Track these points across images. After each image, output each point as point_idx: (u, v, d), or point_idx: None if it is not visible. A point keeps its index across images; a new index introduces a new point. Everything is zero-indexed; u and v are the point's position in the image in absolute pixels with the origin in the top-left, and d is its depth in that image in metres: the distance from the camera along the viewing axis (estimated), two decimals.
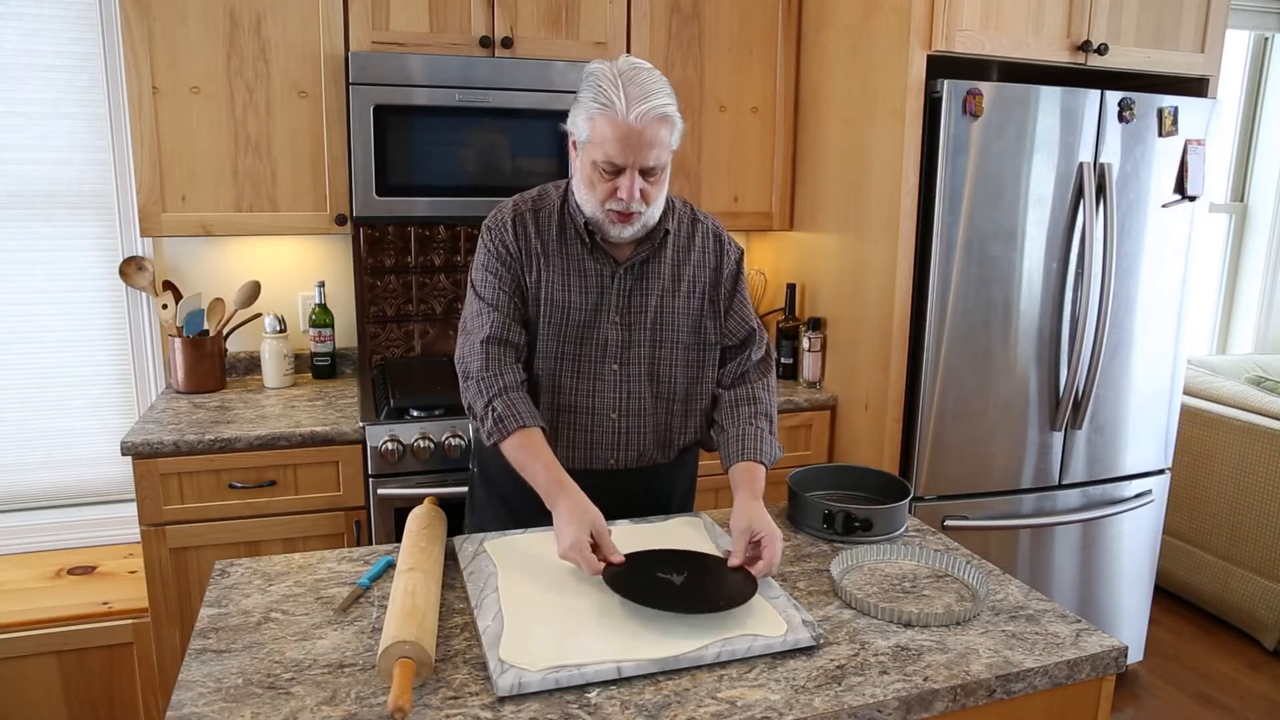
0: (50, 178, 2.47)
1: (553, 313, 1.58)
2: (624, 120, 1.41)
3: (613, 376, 1.61)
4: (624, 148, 1.43)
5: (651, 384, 1.63)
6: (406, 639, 1.08)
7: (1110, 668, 1.24)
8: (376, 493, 2.23)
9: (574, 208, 1.57)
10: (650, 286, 1.61)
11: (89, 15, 2.41)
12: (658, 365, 1.63)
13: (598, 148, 1.45)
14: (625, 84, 1.42)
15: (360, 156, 2.32)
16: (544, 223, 1.59)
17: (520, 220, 1.59)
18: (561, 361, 1.60)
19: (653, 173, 1.48)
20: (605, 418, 1.62)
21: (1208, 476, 3.20)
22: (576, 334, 1.59)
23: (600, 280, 1.58)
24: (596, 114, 1.43)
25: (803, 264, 2.83)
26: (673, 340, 1.63)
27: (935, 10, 2.22)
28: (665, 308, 1.62)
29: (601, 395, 1.61)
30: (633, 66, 1.46)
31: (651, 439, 1.65)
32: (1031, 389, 2.47)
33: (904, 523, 1.63)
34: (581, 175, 1.51)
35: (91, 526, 2.61)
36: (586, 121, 1.45)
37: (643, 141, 1.43)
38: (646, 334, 1.61)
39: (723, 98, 2.70)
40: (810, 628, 1.22)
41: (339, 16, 2.33)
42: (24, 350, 2.53)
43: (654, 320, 1.61)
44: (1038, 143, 2.32)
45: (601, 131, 1.43)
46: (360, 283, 2.69)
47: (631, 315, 1.60)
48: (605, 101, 1.42)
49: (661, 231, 1.59)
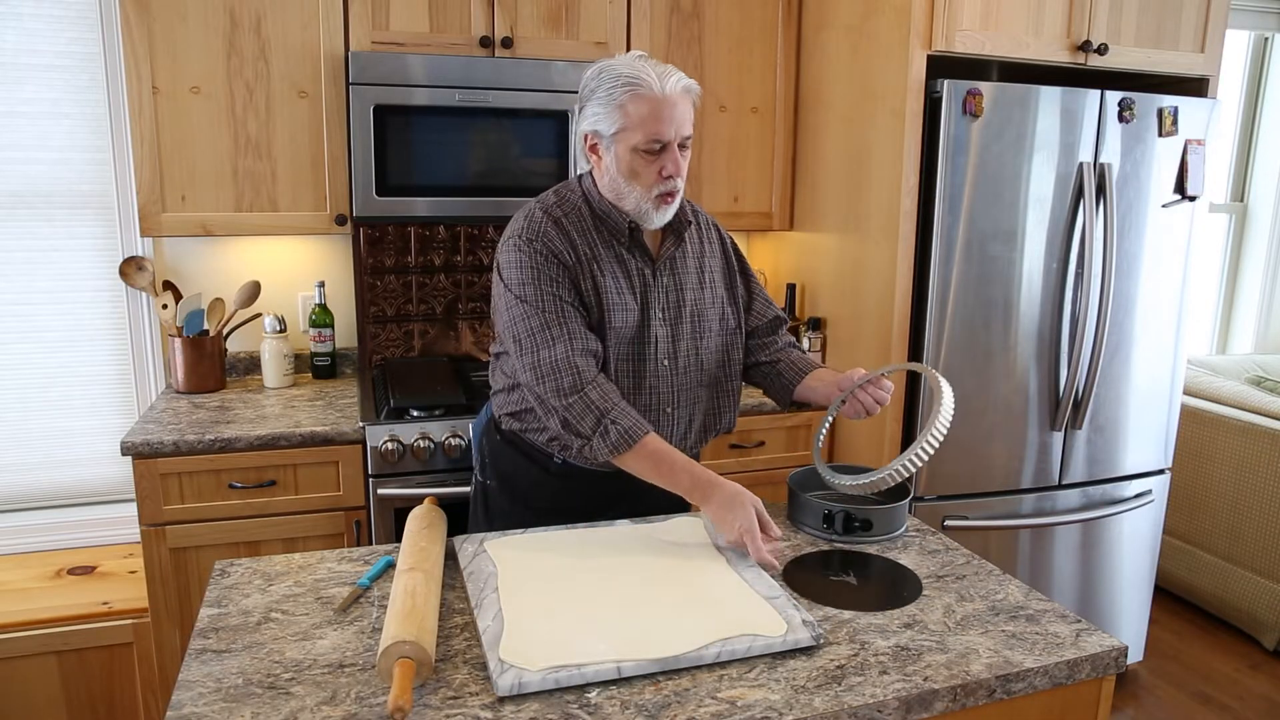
0: (50, 178, 2.47)
1: (613, 317, 1.57)
2: (660, 93, 1.46)
3: (665, 373, 1.63)
4: (665, 121, 1.47)
5: (699, 374, 1.67)
6: (406, 639, 1.08)
7: (1110, 668, 1.24)
8: (376, 493, 2.23)
9: (606, 208, 1.57)
10: (684, 281, 1.65)
11: (89, 15, 2.41)
12: (701, 355, 1.67)
13: (636, 130, 1.47)
14: (645, 65, 1.48)
15: (360, 156, 2.32)
16: (580, 226, 1.58)
17: (559, 225, 1.56)
18: (620, 363, 1.60)
19: (685, 145, 1.52)
20: (661, 413, 1.64)
21: (1208, 476, 3.20)
22: (631, 334, 1.59)
23: (644, 279, 1.60)
24: (628, 98, 1.46)
25: (803, 264, 2.83)
26: (709, 330, 1.68)
27: (935, 10, 2.22)
28: (698, 299, 1.66)
29: (656, 392, 1.63)
30: (638, 54, 1.51)
31: (698, 428, 1.69)
32: (1031, 389, 2.47)
33: (904, 523, 1.63)
34: (620, 168, 1.52)
35: (91, 526, 2.61)
36: (617, 110, 1.47)
37: (678, 112, 1.48)
38: (687, 327, 1.65)
39: (723, 97, 2.70)
40: (810, 628, 1.22)
41: (339, 16, 2.33)
42: (24, 350, 2.53)
43: (692, 313, 1.65)
44: (1038, 143, 2.32)
45: (639, 111, 1.46)
46: (360, 283, 2.69)
47: (672, 310, 1.63)
48: (635, 80, 1.45)
49: (685, 221, 1.63)
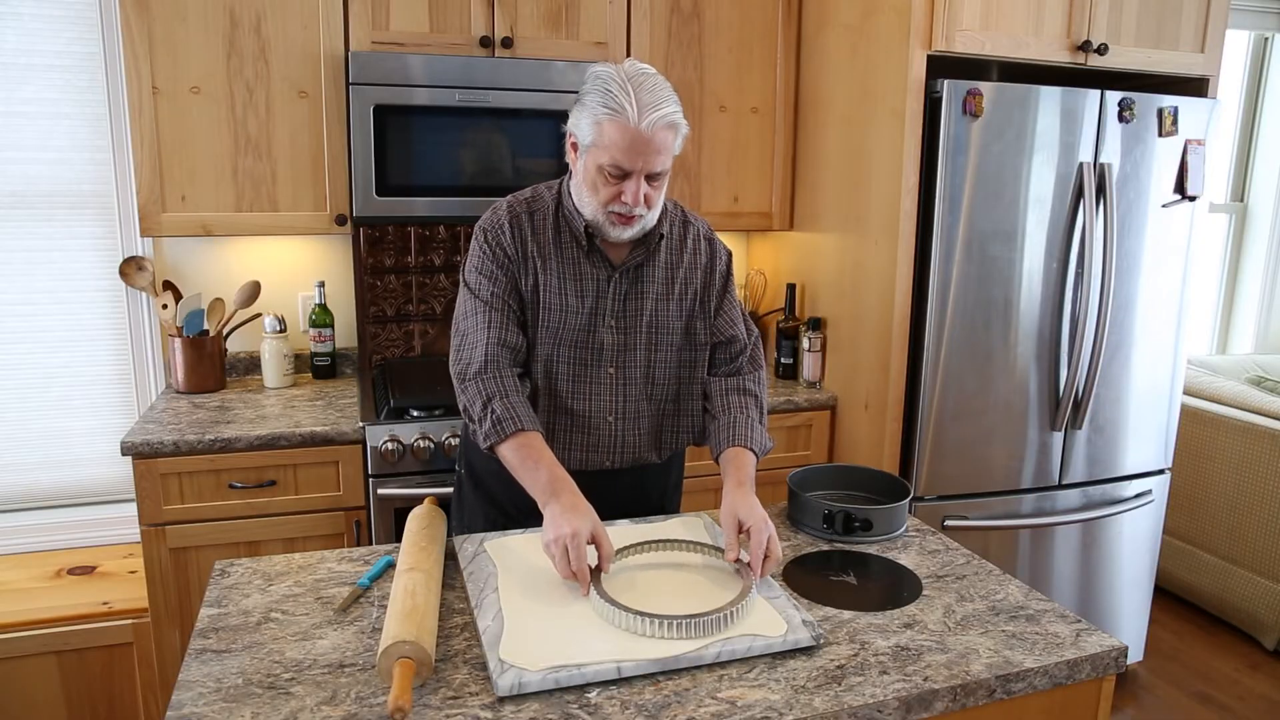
0: (50, 178, 2.47)
1: (549, 316, 1.57)
2: (635, 127, 1.40)
3: (609, 380, 1.61)
4: (632, 154, 1.42)
5: (647, 386, 1.63)
6: (406, 639, 1.08)
7: (1110, 668, 1.24)
8: (376, 493, 2.23)
9: (571, 210, 1.56)
10: (645, 290, 1.61)
11: (89, 15, 2.41)
12: (653, 368, 1.63)
13: (604, 152, 1.44)
14: (635, 90, 1.41)
15: (360, 156, 2.31)
16: (539, 224, 1.58)
17: (516, 222, 1.57)
18: (558, 365, 1.59)
19: (657, 178, 1.48)
20: (602, 420, 1.61)
21: (1208, 476, 3.20)
22: (573, 338, 1.58)
23: (597, 284, 1.58)
24: (605, 119, 1.42)
25: (803, 264, 2.83)
26: (667, 343, 1.64)
27: (935, 10, 2.22)
28: (660, 311, 1.62)
29: (599, 399, 1.61)
30: (640, 72, 1.45)
31: (647, 440, 1.65)
32: (1031, 389, 2.47)
33: (904, 523, 1.63)
34: (584, 177, 1.50)
35: (91, 526, 2.61)
36: (593, 125, 1.44)
37: (651, 148, 1.43)
38: (642, 337, 1.61)
39: (723, 98, 2.70)
40: (810, 628, 1.22)
41: (339, 16, 2.32)
42: (24, 350, 2.53)
43: (649, 323, 1.61)
44: (1038, 143, 2.32)
45: (610, 136, 1.42)
46: (360, 283, 2.69)
47: (628, 319, 1.60)
48: (616, 107, 1.41)
49: (657, 235, 1.59)
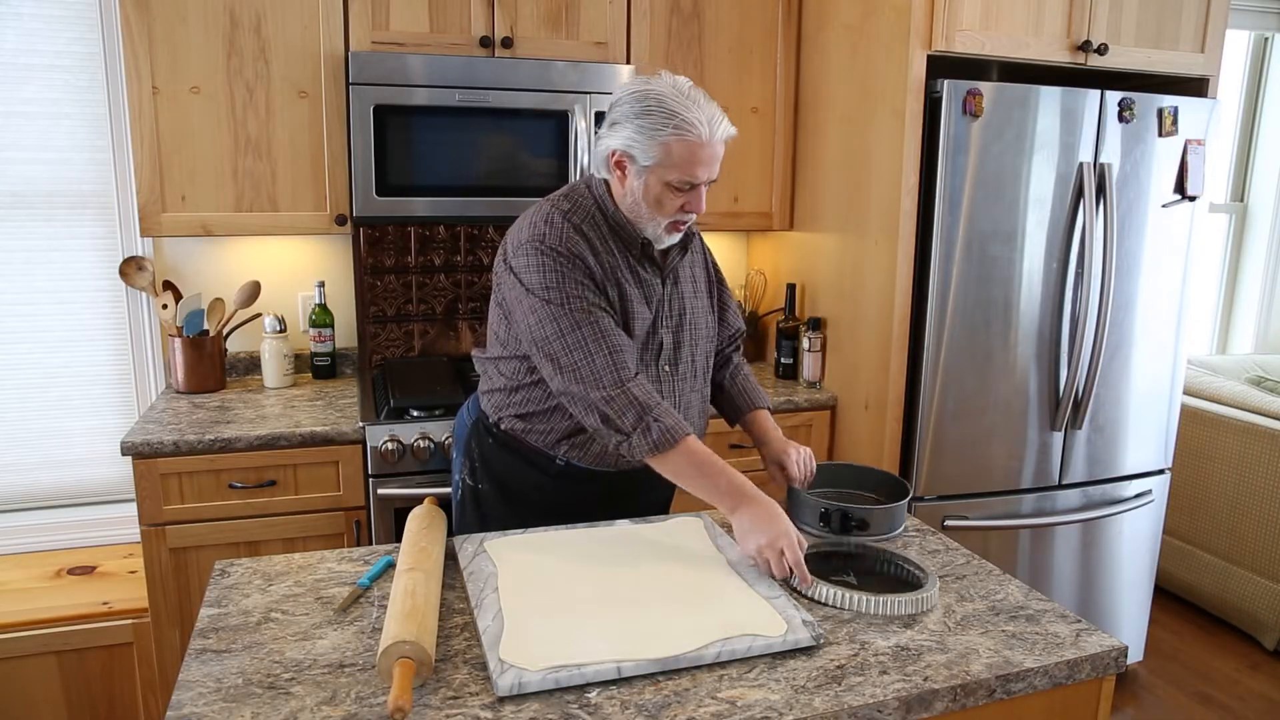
0: (50, 178, 2.47)
1: (630, 325, 1.58)
2: (706, 140, 1.47)
3: (666, 379, 1.65)
4: (704, 164, 1.50)
5: (692, 380, 1.70)
6: (406, 639, 1.08)
7: (1110, 668, 1.24)
8: (376, 493, 2.23)
9: (621, 220, 1.58)
10: (683, 290, 1.67)
11: (89, 15, 2.41)
12: (695, 362, 1.70)
13: (673, 169, 1.48)
14: (696, 106, 1.47)
15: (360, 156, 2.32)
16: (598, 234, 1.57)
17: (581, 234, 1.55)
18: None
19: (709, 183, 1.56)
20: None
21: (1208, 476, 3.20)
22: (642, 342, 1.61)
23: (655, 289, 1.62)
24: (674, 139, 1.46)
25: (803, 264, 2.83)
26: (701, 337, 1.70)
27: (935, 10, 2.22)
28: (693, 308, 1.69)
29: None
30: (689, 86, 1.50)
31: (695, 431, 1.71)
32: (1031, 389, 2.47)
33: (902, 523, 1.63)
34: (644, 194, 1.52)
35: (91, 526, 2.61)
36: (659, 146, 1.47)
37: (716, 159, 1.51)
38: (686, 335, 1.67)
39: (723, 98, 2.69)
40: (810, 628, 1.22)
41: (339, 16, 2.33)
42: (24, 350, 2.53)
43: (690, 320, 1.68)
44: (1038, 143, 2.32)
45: (681, 155, 1.47)
46: (360, 283, 2.69)
47: (674, 319, 1.65)
48: (686, 125, 1.45)
49: (691, 235, 1.66)
